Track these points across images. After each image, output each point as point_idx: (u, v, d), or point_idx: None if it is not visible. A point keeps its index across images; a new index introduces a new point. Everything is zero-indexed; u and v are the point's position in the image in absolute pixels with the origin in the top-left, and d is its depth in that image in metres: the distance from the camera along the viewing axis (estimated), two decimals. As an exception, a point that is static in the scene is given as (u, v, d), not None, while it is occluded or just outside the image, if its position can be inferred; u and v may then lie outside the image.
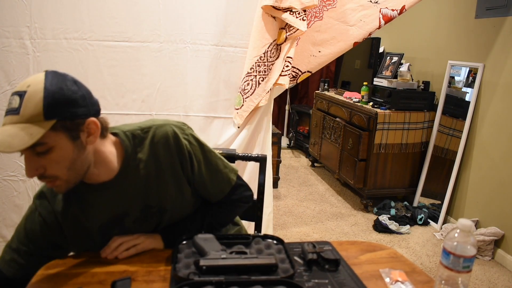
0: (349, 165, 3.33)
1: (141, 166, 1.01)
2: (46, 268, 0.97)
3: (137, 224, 1.06)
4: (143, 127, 1.04)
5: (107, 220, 1.03)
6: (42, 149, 0.84)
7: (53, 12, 1.82)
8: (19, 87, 0.84)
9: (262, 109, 2.12)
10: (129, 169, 1.01)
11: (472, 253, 0.80)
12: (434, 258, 2.55)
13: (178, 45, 1.99)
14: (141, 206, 1.04)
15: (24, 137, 0.80)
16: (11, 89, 1.85)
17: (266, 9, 1.96)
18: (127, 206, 1.03)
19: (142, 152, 1.02)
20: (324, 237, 2.76)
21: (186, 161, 1.04)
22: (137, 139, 1.02)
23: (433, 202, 3.20)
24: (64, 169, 0.89)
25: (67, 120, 0.85)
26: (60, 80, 0.86)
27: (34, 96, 0.81)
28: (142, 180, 1.02)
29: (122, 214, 1.04)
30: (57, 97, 0.83)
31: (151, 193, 1.04)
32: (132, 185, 1.02)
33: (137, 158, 1.01)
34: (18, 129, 0.80)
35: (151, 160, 1.02)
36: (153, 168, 1.02)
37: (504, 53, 2.55)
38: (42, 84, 0.82)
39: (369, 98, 3.33)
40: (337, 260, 1.00)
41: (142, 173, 1.02)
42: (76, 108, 0.86)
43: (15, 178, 1.94)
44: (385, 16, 2.11)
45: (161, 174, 1.03)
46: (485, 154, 2.71)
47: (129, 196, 1.02)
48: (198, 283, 0.86)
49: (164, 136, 1.02)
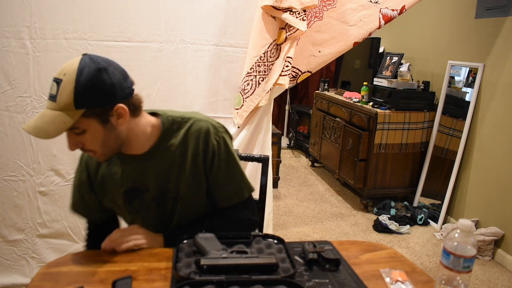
0: (349, 165, 3.33)
1: (170, 150, 1.09)
2: (47, 267, 0.97)
3: (154, 203, 1.12)
4: (184, 117, 1.12)
5: (129, 187, 1.11)
6: (77, 131, 0.95)
7: (53, 12, 1.82)
8: (58, 73, 0.93)
9: (262, 109, 2.12)
10: (159, 150, 1.09)
11: (472, 253, 0.80)
12: (434, 258, 2.55)
13: (178, 45, 1.99)
14: (161, 187, 1.11)
15: (58, 125, 0.91)
16: (11, 89, 1.85)
17: (266, 9, 1.96)
18: (149, 182, 1.11)
19: (175, 138, 1.10)
20: (324, 237, 2.77)
21: (208, 158, 1.11)
22: (175, 126, 1.10)
23: (433, 202, 3.20)
24: (99, 146, 0.99)
25: (96, 107, 0.94)
26: (92, 70, 0.92)
27: (67, 86, 0.91)
28: (168, 163, 1.09)
29: (143, 188, 1.11)
30: (86, 89, 0.91)
31: (172, 178, 1.10)
32: (157, 165, 1.09)
33: (169, 142, 1.09)
34: (54, 116, 0.91)
35: (180, 148, 1.09)
36: (179, 155, 1.09)
37: (504, 53, 2.56)
38: (74, 75, 0.91)
39: (369, 98, 3.33)
40: (337, 259, 1.00)
41: (169, 157, 1.09)
42: (104, 97, 0.94)
43: (15, 178, 1.94)
44: (385, 16, 2.11)
45: (184, 163, 1.10)
46: (485, 154, 2.71)
47: (153, 174, 1.10)
48: (199, 282, 0.86)
49: (198, 130, 1.10)
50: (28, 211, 1.98)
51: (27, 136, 1.91)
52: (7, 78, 1.84)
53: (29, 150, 1.92)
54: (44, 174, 1.96)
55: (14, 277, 2.00)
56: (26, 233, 2.00)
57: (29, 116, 1.89)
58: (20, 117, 1.89)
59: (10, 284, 1.98)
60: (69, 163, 1.98)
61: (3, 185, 1.93)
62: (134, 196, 1.12)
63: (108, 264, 0.98)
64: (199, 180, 1.12)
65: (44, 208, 1.99)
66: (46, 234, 2.02)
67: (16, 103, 1.87)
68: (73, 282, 0.90)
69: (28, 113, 1.89)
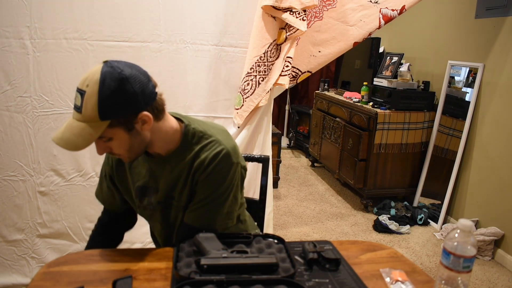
0: (349, 165, 3.33)
1: (183, 161, 1.09)
2: (48, 266, 0.97)
3: (160, 206, 1.14)
4: (206, 133, 1.10)
5: (142, 185, 1.14)
6: (104, 139, 0.97)
7: (53, 12, 1.82)
8: (80, 83, 0.93)
9: (262, 109, 2.12)
10: (174, 158, 1.09)
11: (472, 253, 0.80)
12: (434, 258, 2.55)
13: (178, 45, 1.99)
14: (167, 193, 1.12)
15: (85, 137, 0.93)
16: (11, 89, 1.85)
17: (266, 9, 1.96)
18: (159, 185, 1.12)
19: (190, 151, 1.09)
20: (324, 237, 2.77)
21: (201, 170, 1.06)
22: (195, 139, 1.10)
23: (433, 202, 3.20)
24: (125, 151, 1.01)
25: (121, 118, 0.95)
26: (114, 80, 0.92)
27: (90, 99, 0.91)
28: (178, 172, 1.10)
29: (153, 189, 1.13)
30: (109, 101, 0.92)
31: (178, 188, 1.11)
32: (169, 171, 1.10)
33: (185, 153, 1.09)
34: (81, 128, 0.93)
35: (190, 162, 1.08)
36: (187, 168, 1.08)
37: (504, 53, 2.56)
38: (96, 87, 0.91)
39: (369, 98, 3.33)
40: (337, 259, 1.00)
41: (181, 167, 1.09)
42: (128, 106, 0.95)
43: (15, 178, 1.94)
44: (385, 16, 2.11)
45: (189, 177, 1.09)
46: (485, 154, 2.71)
47: (164, 178, 1.11)
48: (199, 282, 0.86)
49: (211, 149, 1.07)
50: (28, 211, 1.98)
51: (27, 136, 1.91)
52: (7, 78, 1.84)
53: (29, 150, 1.92)
54: (44, 174, 1.96)
55: (14, 277, 2.00)
56: (26, 233, 2.00)
57: (29, 116, 1.89)
58: (20, 117, 1.89)
59: (10, 284, 1.98)
60: (69, 163, 1.98)
61: (3, 185, 1.93)
62: (144, 194, 1.15)
63: (108, 263, 0.98)
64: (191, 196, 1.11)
65: (44, 208, 1.99)
66: (46, 234, 2.02)
67: (16, 103, 1.87)
68: (74, 282, 0.90)
69: (28, 113, 1.89)
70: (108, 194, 1.23)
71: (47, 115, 1.91)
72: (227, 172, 1.07)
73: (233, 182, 1.09)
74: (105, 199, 1.25)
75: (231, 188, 1.09)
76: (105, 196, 1.24)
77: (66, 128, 0.94)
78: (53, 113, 1.92)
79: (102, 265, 0.97)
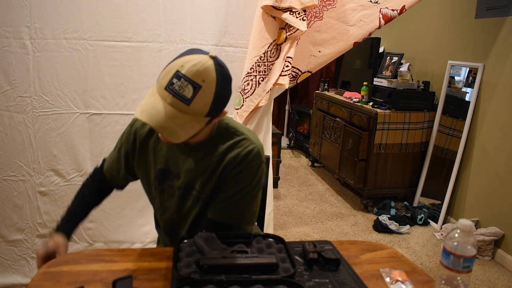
0: (349, 165, 3.33)
1: (212, 154, 1.09)
2: (48, 266, 0.97)
3: (178, 193, 1.13)
4: (238, 130, 1.12)
5: (165, 168, 1.14)
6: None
7: (53, 12, 1.82)
8: (192, 75, 0.89)
9: (262, 109, 2.12)
10: (203, 149, 1.10)
11: (472, 253, 0.80)
12: (434, 258, 2.55)
13: (178, 45, 1.99)
14: (188, 181, 1.12)
15: (188, 129, 0.94)
16: (11, 89, 1.85)
17: (266, 9, 1.96)
18: (182, 172, 1.12)
19: (221, 146, 1.09)
20: (324, 237, 2.77)
21: (232, 168, 1.08)
22: (227, 134, 1.11)
23: (433, 202, 3.20)
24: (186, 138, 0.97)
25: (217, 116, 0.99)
26: (225, 81, 0.95)
27: (206, 96, 0.91)
28: (204, 164, 1.10)
29: (176, 174, 1.13)
30: (220, 102, 0.95)
31: (201, 179, 1.11)
32: (195, 161, 1.10)
33: (214, 147, 1.10)
34: (185, 120, 0.92)
35: (219, 157, 1.09)
36: (216, 162, 1.09)
37: (504, 53, 2.56)
38: (214, 86, 0.92)
39: (369, 98, 3.33)
40: (337, 259, 1.00)
41: (208, 160, 1.09)
42: (224, 106, 0.99)
43: (15, 178, 1.94)
44: (385, 16, 2.11)
45: (216, 171, 1.10)
46: (485, 154, 2.71)
47: (188, 166, 1.11)
48: (199, 282, 0.86)
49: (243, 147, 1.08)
50: (28, 211, 1.98)
51: (27, 136, 1.91)
52: (7, 78, 1.84)
53: (29, 150, 1.92)
54: (44, 174, 1.96)
55: (14, 277, 2.00)
56: (26, 233, 2.00)
57: (29, 116, 1.89)
58: (20, 117, 1.89)
59: (10, 284, 1.98)
60: (69, 163, 1.98)
61: (3, 185, 1.93)
62: (166, 177, 1.14)
63: (108, 263, 0.98)
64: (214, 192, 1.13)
65: (44, 208, 1.99)
66: (46, 234, 2.02)
67: (16, 103, 1.87)
68: (74, 282, 0.90)
69: (28, 113, 1.89)
70: (114, 167, 1.24)
71: (47, 115, 1.91)
72: (256, 171, 1.10)
73: (260, 181, 1.13)
74: (109, 168, 1.26)
75: (258, 187, 1.12)
76: (110, 166, 1.25)
77: (167, 117, 0.90)
78: (53, 113, 1.92)
79: (102, 265, 0.97)
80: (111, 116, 1.98)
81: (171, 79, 0.90)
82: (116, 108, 1.98)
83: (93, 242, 2.08)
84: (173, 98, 0.90)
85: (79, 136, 1.96)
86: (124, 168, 1.22)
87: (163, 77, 0.93)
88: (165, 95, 0.91)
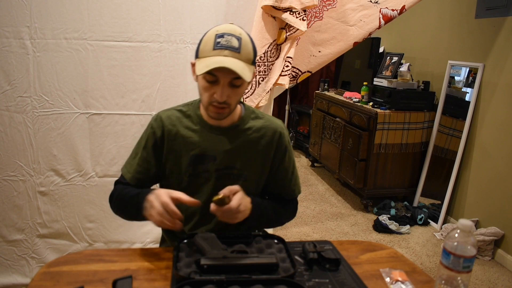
0: (349, 165, 3.33)
1: (246, 133, 1.19)
2: (48, 266, 0.97)
3: (216, 174, 1.17)
4: (260, 112, 1.27)
5: (199, 153, 1.17)
6: (238, 83, 1.07)
7: (53, 12, 1.82)
8: (230, 31, 1.05)
9: (262, 109, 2.12)
10: (237, 129, 1.18)
11: (472, 253, 0.80)
12: (434, 258, 2.55)
13: (178, 45, 1.99)
14: (227, 162, 1.17)
15: (248, 73, 1.06)
16: (11, 89, 1.85)
17: (266, 9, 1.96)
18: (217, 154, 1.17)
19: (253, 124, 1.20)
20: (324, 237, 2.77)
21: (279, 153, 1.22)
22: (253, 115, 1.23)
23: (433, 202, 3.20)
24: (236, 102, 1.12)
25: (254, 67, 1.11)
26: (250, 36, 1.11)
27: (247, 44, 1.07)
28: (240, 143, 1.18)
29: (211, 157, 1.17)
30: (255, 51, 1.12)
31: (241, 158, 1.18)
32: (231, 141, 1.17)
33: (246, 126, 1.20)
34: (243, 65, 1.05)
35: (256, 135, 1.19)
36: (254, 140, 1.19)
37: (504, 53, 2.56)
38: (247, 36, 1.09)
39: (369, 98, 3.33)
40: (337, 259, 1.00)
41: (244, 138, 1.18)
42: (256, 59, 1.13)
43: (15, 178, 1.94)
44: (385, 16, 2.11)
45: (256, 149, 1.19)
46: (485, 154, 2.71)
47: (224, 147, 1.17)
48: (199, 282, 0.86)
49: (275, 127, 1.22)
50: (28, 211, 1.98)
51: (27, 136, 1.91)
52: (7, 78, 1.84)
53: (29, 150, 1.92)
54: (44, 174, 1.96)
55: (14, 277, 2.00)
56: (26, 233, 2.00)
57: (29, 116, 1.89)
58: (20, 117, 1.89)
59: (10, 284, 1.98)
60: (69, 163, 1.98)
61: (3, 185, 1.93)
62: (201, 161, 1.17)
63: (108, 263, 0.98)
64: (264, 169, 1.22)
65: (44, 208, 1.99)
66: (46, 234, 2.02)
67: (16, 103, 1.87)
68: (74, 282, 0.90)
69: (28, 113, 1.89)
70: (142, 170, 1.19)
71: (47, 115, 1.91)
72: (290, 146, 1.26)
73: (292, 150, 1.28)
74: (135, 173, 1.19)
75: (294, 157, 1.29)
76: (136, 171, 1.19)
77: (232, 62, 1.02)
78: (53, 113, 1.92)
79: (102, 265, 0.97)
80: (111, 116, 1.98)
81: (215, 40, 1.04)
82: (116, 108, 1.98)
83: (93, 242, 2.08)
84: (226, 50, 1.03)
85: (79, 136, 1.96)
86: (155, 165, 1.20)
87: (205, 45, 1.06)
88: (217, 52, 1.03)
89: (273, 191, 1.27)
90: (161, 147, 1.19)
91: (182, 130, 1.18)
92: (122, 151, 2.01)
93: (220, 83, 1.05)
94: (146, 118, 2.01)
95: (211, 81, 1.06)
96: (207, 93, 1.08)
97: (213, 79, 1.05)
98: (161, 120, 1.19)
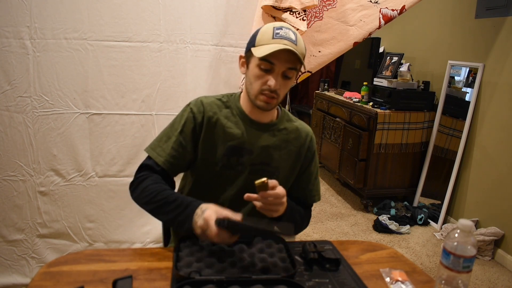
0: (349, 165, 3.33)
1: (284, 132, 1.22)
2: (48, 266, 0.97)
3: (249, 168, 1.18)
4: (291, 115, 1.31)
5: (236, 144, 1.17)
6: (290, 74, 1.11)
7: (53, 12, 1.82)
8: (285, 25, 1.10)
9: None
10: (275, 127, 1.21)
11: (472, 253, 0.80)
12: (434, 258, 2.55)
13: (178, 45, 1.99)
14: (263, 158, 1.19)
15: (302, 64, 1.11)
16: (11, 89, 1.85)
17: (266, 9, 1.96)
18: (254, 148, 1.18)
19: (290, 125, 1.24)
20: (324, 237, 2.77)
21: (309, 156, 1.26)
22: (287, 117, 1.26)
23: (433, 202, 3.20)
24: (283, 94, 1.14)
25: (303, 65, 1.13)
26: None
27: (301, 40, 1.11)
28: (278, 141, 1.21)
29: (247, 150, 1.18)
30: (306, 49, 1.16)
31: (277, 155, 1.20)
32: (269, 138, 1.20)
33: (284, 126, 1.23)
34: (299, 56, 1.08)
35: (292, 135, 1.23)
36: (291, 140, 1.23)
37: (504, 53, 2.56)
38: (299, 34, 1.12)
39: (369, 98, 3.33)
40: (337, 259, 1.00)
41: (281, 137, 1.22)
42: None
43: (15, 178, 1.94)
44: (385, 16, 2.11)
45: (291, 149, 1.22)
46: (485, 154, 2.71)
47: (261, 143, 1.19)
48: (199, 282, 0.86)
49: (308, 131, 1.27)
50: (28, 211, 1.98)
51: (27, 136, 1.91)
52: (7, 78, 1.84)
53: (29, 150, 1.92)
54: (44, 174, 1.96)
55: (14, 277, 2.00)
56: (26, 233, 1.99)
57: (29, 116, 1.89)
58: (20, 117, 1.89)
59: (10, 284, 1.98)
60: (69, 163, 1.98)
61: (3, 185, 1.93)
62: (236, 153, 1.17)
63: (108, 263, 0.98)
64: (294, 169, 1.25)
65: (44, 208, 1.99)
66: (46, 234, 2.02)
67: (16, 103, 1.87)
68: (74, 281, 0.90)
69: (28, 113, 1.89)
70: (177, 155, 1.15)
71: (47, 115, 1.91)
72: (316, 151, 1.30)
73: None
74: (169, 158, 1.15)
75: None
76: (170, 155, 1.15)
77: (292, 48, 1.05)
78: (53, 113, 1.92)
79: (102, 265, 0.97)
80: (111, 116, 1.98)
81: (274, 31, 1.08)
82: (116, 108, 1.98)
83: (93, 242, 2.08)
84: (285, 40, 1.06)
85: (79, 136, 1.96)
86: (191, 150, 1.17)
87: (263, 35, 1.09)
88: (277, 40, 1.06)
89: (294, 194, 1.26)
90: (199, 133, 1.16)
91: (223, 119, 1.17)
92: (122, 151, 2.01)
93: (275, 72, 1.08)
94: (146, 118, 2.01)
95: (266, 69, 1.08)
96: (260, 81, 1.09)
97: (268, 67, 1.08)
98: (202, 105, 1.17)
